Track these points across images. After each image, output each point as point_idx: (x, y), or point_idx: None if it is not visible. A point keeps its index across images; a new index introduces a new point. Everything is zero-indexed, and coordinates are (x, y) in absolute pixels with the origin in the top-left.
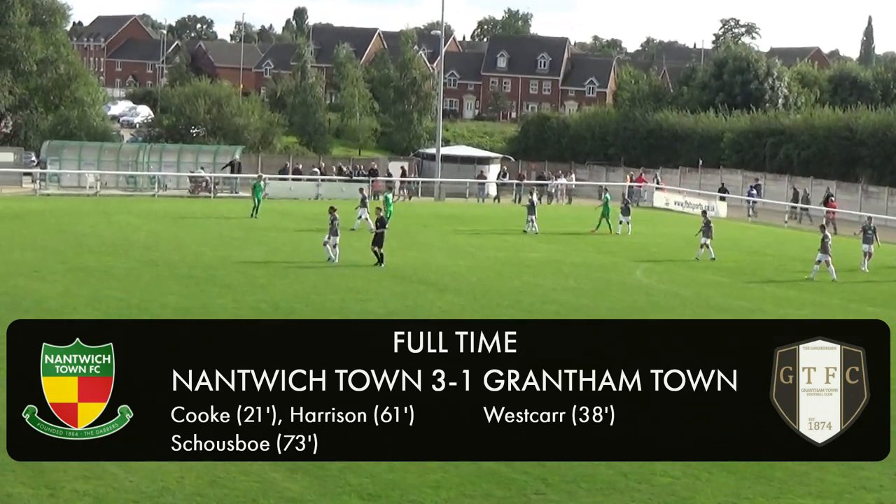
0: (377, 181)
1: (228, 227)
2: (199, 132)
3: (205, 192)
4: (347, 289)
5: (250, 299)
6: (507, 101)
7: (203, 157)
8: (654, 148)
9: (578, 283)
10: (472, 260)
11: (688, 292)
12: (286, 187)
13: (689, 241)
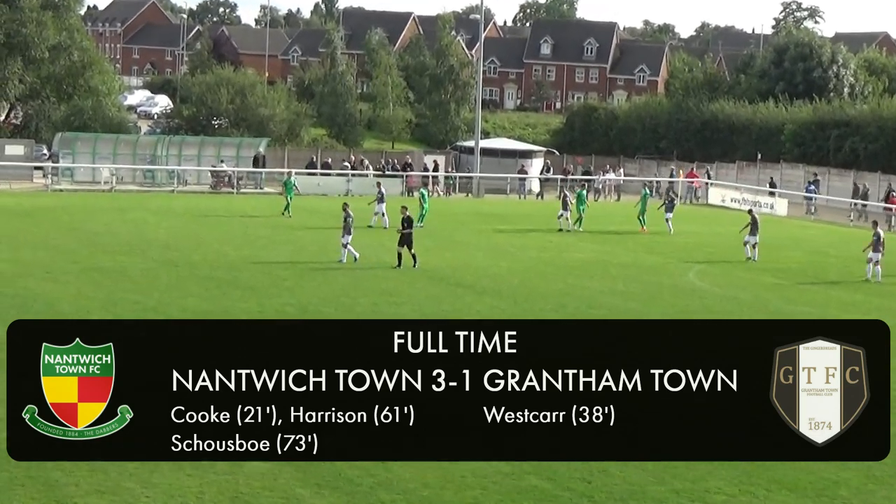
0: (412, 176)
1: (253, 225)
2: (221, 123)
3: (227, 188)
4: (379, 291)
5: (275, 302)
6: (550, 91)
7: (225, 150)
8: (708, 141)
9: (627, 286)
10: (512, 261)
11: (745, 296)
12: (314, 183)
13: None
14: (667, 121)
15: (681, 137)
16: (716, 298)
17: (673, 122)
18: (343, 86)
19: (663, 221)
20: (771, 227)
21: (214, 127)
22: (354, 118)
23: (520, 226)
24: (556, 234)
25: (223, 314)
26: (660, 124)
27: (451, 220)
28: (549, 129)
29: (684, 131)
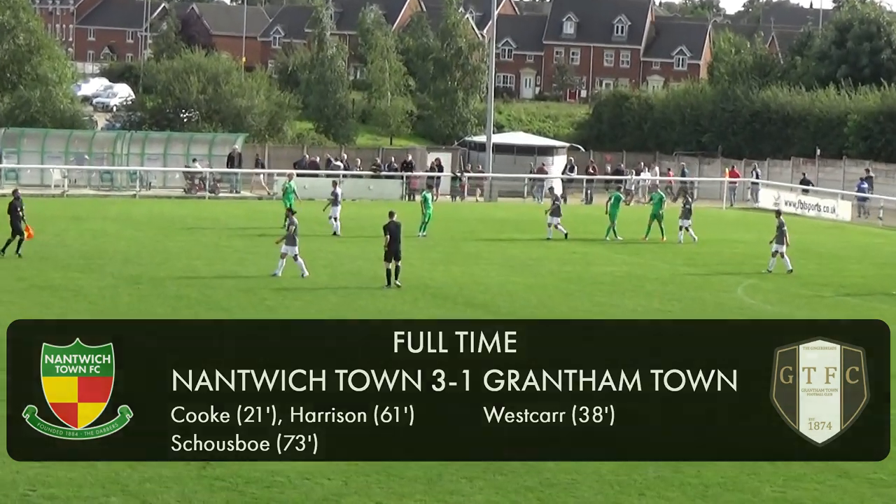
0: (414, 177)
1: (227, 235)
2: (190, 117)
3: (203, 192)
4: (375, 312)
5: None
6: (575, 77)
7: (196, 147)
8: (759, 134)
9: (665, 305)
10: (531, 276)
11: (803, 314)
12: (300, 185)
13: (804, 251)
14: (710, 111)
15: (727, 131)
16: (768, 318)
17: (718, 112)
18: (333, 72)
19: (677, 230)
20: (832, 234)
21: (183, 121)
22: (346, 110)
23: (539, 234)
24: (581, 244)
25: None
26: (702, 115)
27: (459, 228)
28: (572, 121)
29: (731, 123)
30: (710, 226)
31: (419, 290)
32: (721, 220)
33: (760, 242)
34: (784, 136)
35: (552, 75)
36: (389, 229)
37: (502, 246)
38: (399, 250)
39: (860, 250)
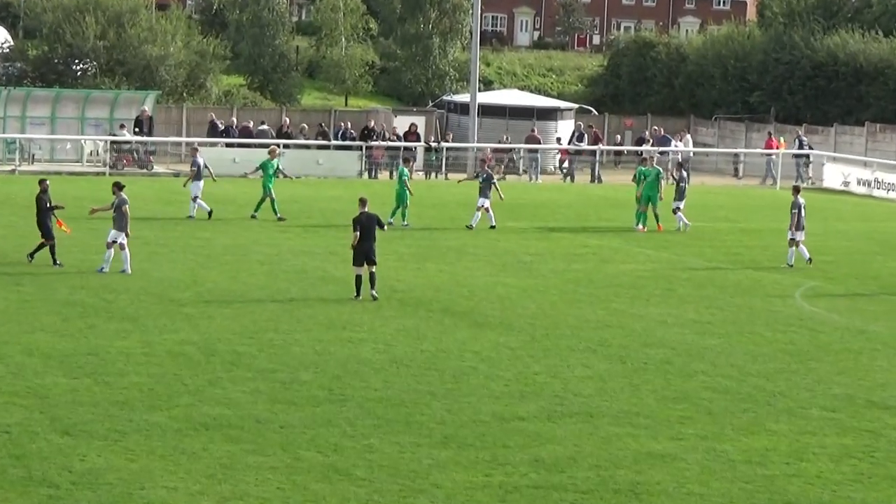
0: (376, 148)
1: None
2: (86, 69)
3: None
4: (327, 323)
5: (168, 340)
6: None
7: (94, 108)
8: (823, 93)
9: (702, 314)
10: (528, 276)
11: (879, 328)
12: (227, 158)
13: (884, 244)
14: (761, 63)
15: (781, 88)
16: (835, 332)
17: (770, 64)
18: (271, 12)
19: (668, 215)
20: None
21: (76, 74)
22: (288, 61)
23: (539, 222)
24: (593, 236)
25: (90, 357)
26: (750, 68)
27: (436, 215)
28: (582, 75)
29: (787, 79)
30: (759, 212)
31: (384, 293)
32: (773, 203)
33: (826, 234)
34: (856, 96)
35: (555, 16)
36: (360, 222)
37: (491, 237)
38: (372, 250)
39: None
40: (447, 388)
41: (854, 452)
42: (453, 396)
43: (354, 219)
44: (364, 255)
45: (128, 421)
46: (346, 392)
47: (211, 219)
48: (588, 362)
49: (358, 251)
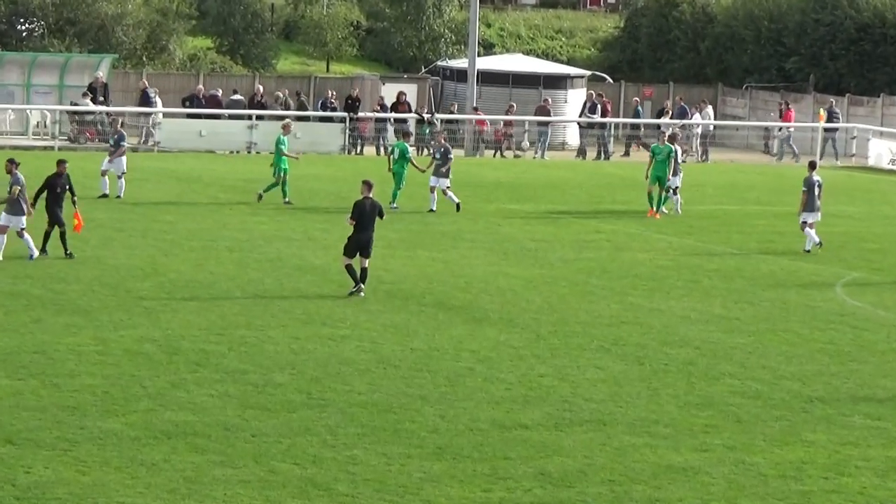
0: (363, 120)
1: (88, 204)
2: (32, 30)
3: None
4: (305, 317)
5: (125, 336)
6: None
7: (41, 74)
8: (869, 59)
9: (730, 309)
10: (534, 266)
11: None
12: (193, 131)
13: None
14: (799, 24)
15: (822, 53)
16: (881, 329)
17: (809, 26)
18: None
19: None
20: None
21: (21, 35)
22: (262, 21)
23: (545, 205)
24: (607, 220)
25: (37, 354)
26: (786, 31)
27: (428, 196)
28: (595, 38)
29: (828, 42)
30: (795, 193)
31: (369, 285)
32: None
33: (871, 218)
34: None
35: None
36: (362, 208)
37: (492, 222)
38: (370, 242)
39: None
40: (441, 392)
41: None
42: (448, 401)
43: (356, 203)
44: (359, 247)
45: (79, 428)
46: (326, 396)
47: (107, 199)
48: (601, 363)
49: (353, 241)
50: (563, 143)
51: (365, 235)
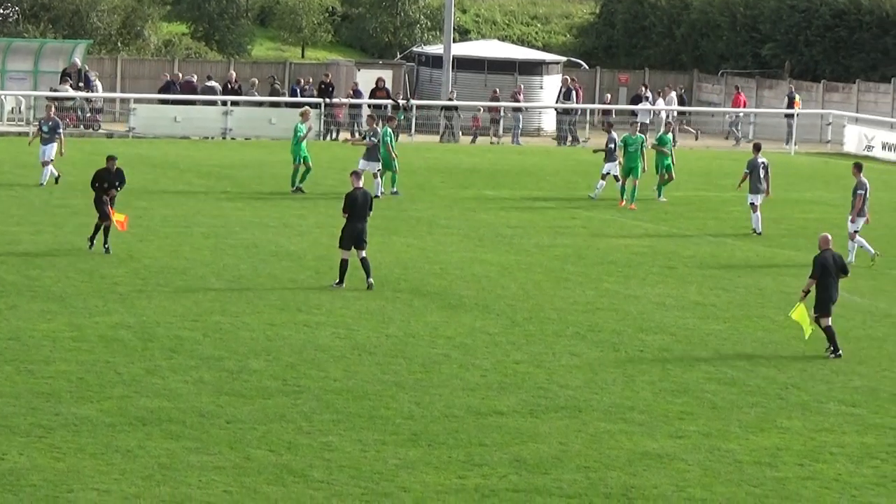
0: (338, 106)
1: (62, 193)
2: (6, 15)
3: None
4: (281, 304)
5: (101, 322)
6: None
7: (15, 59)
8: (845, 45)
9: (705, 295)
10: (509, 252)
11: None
12: (168, 117)
13: None
14: (774, 11)
15: (797, 40)
16: (856, 316)
17: (784, 12)
18: None
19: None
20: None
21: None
22: (237, 6)
23: (521, 191)
24: (582, 207)
25: (12, 342)
26: (762, 17)
27: (405, 182)
28: (571, 24)
29: (804, 29)
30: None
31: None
32: (788, 170)
33: (846, 203)
34: (881, 49)
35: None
36: (354, 200)
37: (467, 208)
38: (365, 232)
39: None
40: (416, 379)
41: (876, 453)
42: (423, 388)
43: (348, 194)
44: (354, 238)
45: (54, 415)
46: (301, 383)
47: (53, 184)
48: (576, 350)
49: (347, 232)
50: (538, 129)
51: (359, 226)
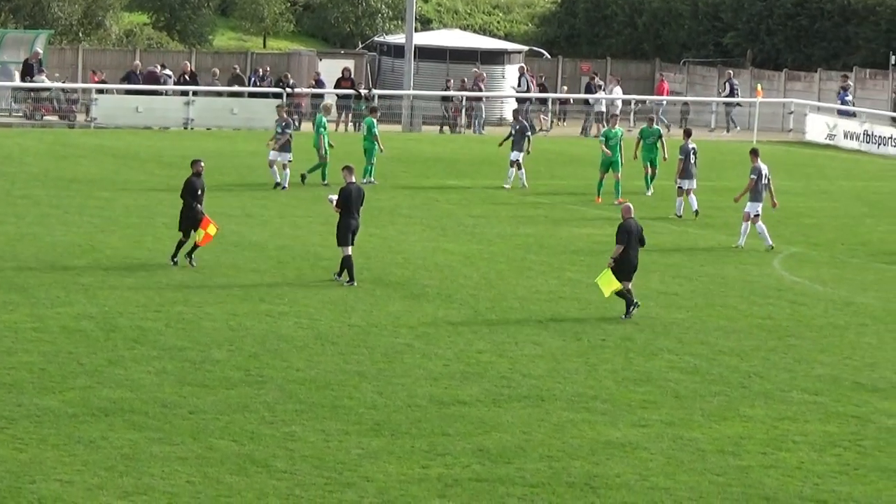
0: (299, 95)
1: (24, 180)
2: None
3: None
4: (244, 295)
5: (63, 313)
6: None
7: None
8: (806, 34)
9: (667, 284)
10: (472, 242)
11: (868, 300)
12: (129, 108)
13: (873, 205)
14: (735, 0)
15: (759, 28)
16: (818, 304)
17: (746, 1)
18: None
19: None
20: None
21: None
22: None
23: (483, 180)
24: (544, 196)
25: None
26: (724, 6)
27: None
28: (532, 13)
29: (765, 17)
30: (732, 168)
31: (306, 261)
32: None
33: (808, 193)
34: (843, 38)
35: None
36: (346, 195)
37: (429, 197)
38: (358, 227)
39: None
40: (379, 369)
41: (839, 441)
42: (386, 377)
43: (342, 189)
44: (353, 233)
45: (16, 406)
46: (264, 373)
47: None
48: (539, 339)
49: (343, 228)
50: (500, 118)
51: (354, 221)
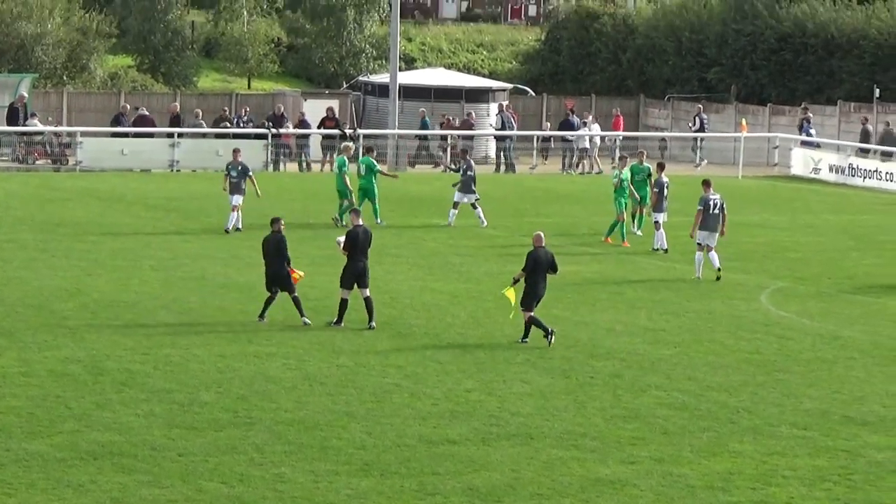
0: (287, 135)
1: (9, 225)
2: None
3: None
4: (232, 336)
5: (50, 357)
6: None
7: None
8: (790, 68)
9: (655, 320)
10: (459, 280)
11: (855, 333)
12: (115, 150)
13: (859, 238)
14: (719, 35)
15: (743, 63)
16: (806, 339)
17: (730, 36)
18: None
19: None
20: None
21: None
22: (182, 38)
23: (469, 219)
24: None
25: None
26: (707, 41)
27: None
28: (517, 51)
29: (749, 52)
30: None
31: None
32: (735, 193)
33: (794, 227)
34: (826, 72)
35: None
36: (353, 238)
37: (416, 237)
38: (366, 270)
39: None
40: (367, 409)
41: (829, 475)
42: (374, 417)
43: (348, 232)
44: (356, 277)
45: (4, 450)
46: (252, 414)
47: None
48: (527, 377)
49: (349, 271)
50: (485, 156)
51: (360, 264)
